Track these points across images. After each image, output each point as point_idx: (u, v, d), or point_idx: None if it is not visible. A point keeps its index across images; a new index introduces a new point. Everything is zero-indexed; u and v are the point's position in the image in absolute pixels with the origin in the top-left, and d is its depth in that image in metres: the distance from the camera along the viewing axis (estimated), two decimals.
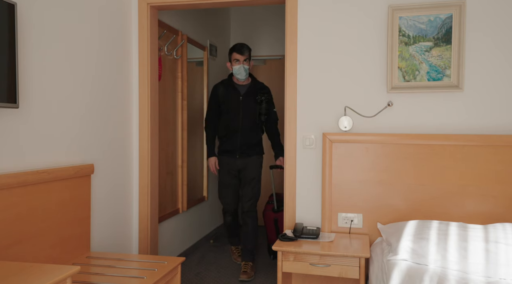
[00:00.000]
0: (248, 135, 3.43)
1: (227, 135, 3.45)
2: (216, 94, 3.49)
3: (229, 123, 3.43)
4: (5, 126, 1.94)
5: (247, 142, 3.43)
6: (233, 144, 3.43)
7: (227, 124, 3.44)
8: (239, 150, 3.43)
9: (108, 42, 2.71)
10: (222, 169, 3.52)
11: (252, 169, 3.47)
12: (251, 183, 3.47)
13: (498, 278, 1.90)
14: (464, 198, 2.46)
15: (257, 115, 3.41)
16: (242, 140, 3.42)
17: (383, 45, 2.59)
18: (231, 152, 3.45)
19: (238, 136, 3.42)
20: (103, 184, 2.67)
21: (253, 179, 3.47)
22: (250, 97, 3.41)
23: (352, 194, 2.61)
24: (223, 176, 3.52)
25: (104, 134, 2.68)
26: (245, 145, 3.42)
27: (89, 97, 2.53)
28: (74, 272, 1.48)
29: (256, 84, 3.49)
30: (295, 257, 2.35)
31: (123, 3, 2.88)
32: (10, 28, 1.82)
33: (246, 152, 3.44)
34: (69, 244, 2.30)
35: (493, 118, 2.47)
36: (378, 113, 2.61)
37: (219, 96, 3.47)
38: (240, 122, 3.40)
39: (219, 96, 3.47)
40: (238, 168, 3.46)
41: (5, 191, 1.87)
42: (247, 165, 3.45)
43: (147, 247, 3.01)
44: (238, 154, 3.43)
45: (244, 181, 3.48)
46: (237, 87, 3.44)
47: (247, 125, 3.41)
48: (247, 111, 3.40)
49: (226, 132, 3.45)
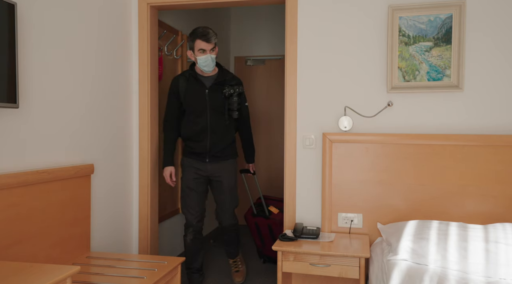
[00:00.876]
0: (219, 136, 2.92)
1: (194, 137, 2.93)
2: (176, 89, 2.93)
3: (194, 123, 2.90)
4: (5, 126, 1.94)
5: (218, 144, 2.92)
6: (201, 146, 2.91)
7: (192, 123, 2.91)
8: (210, 153, 2.92)
9: (108, 42, 2.71)
10: (187, 173, 2.97)
11: (228, 176, 2.98)
12: (229, 192, 3.00)
13: (498, 278, 1.90)
14: (464, 198, 2.46)
15: (227, 111, 2.89)
16: (212, 142, 2.90)
17: (383, 45, 2.59)
18: (199, 155, 2.93)
19: (207, 137, 2.90)
20: (103, 184, 2.67)
21: (231, 187, 3.01)
22: (218, 91, 2.88)
23: (352, 194, 2.61)
24: (187, 180, 2.95)
25: (104, 134, 2.68)
26: (217, 147, 2.92)
27: (89, 97, 2.53)
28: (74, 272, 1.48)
29: (224, 75, 2.95)
30: (295, 257, 2.35)
31: (123, 3, 2.88)
32: (10, 28, 1.82)
33: (217, 155, 2.93)
34: (69, 244, 2.30)
35: (493, 118, 2.47)
36: (378, 113, 2.61)
37: (179, 90, 2.92)
38: (208, 120, 2.88)
39: (179, 91, 2.92)
40: (207, 174, 2.95)
41: (5, 191, 1.87)
42: (221, 171, 2.96)
43: (147, 247, 3.01)
44: (209, 157, 2.92)
45: (219, 190, 3.00)
46: (201, 79, 2.90)
47: (216, 124, 2.90)
48: (215, 107, 2.87)
49: (192, 133, 2.92)
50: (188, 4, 2.91)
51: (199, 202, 2.97)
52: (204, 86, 2.89)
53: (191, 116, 2.92)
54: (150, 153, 3.00)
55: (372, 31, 2.61)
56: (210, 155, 2.93)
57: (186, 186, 2.96)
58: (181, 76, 2.96)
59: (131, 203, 3.01)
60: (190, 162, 2.97)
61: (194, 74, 2.91)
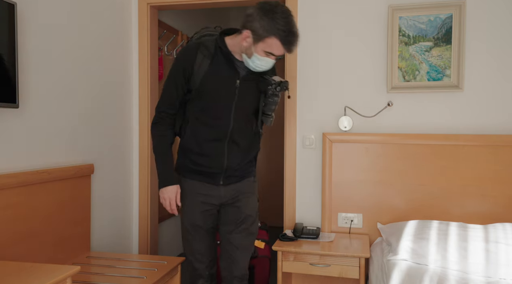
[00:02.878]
0: (241, 149, 1.99)
1: (205, 148, 1.93)
2: (189, 65, 1.87)
3: (210, 127, 1.92)
4: (5, 126, 1.94)
5: (239, 161, 1.98)
6: (215, 163, 1.94)
7: (207, 128, 1.92)
8: (226, 174, 1.96)
9: (108, 42, 2.71)
10: (191, 203, 1.98)
11: (249, 200, 2.04)
12: (250, 223, 2.04)
13: (498, 278, 1.90)
14: (464, 198, 2.46)
15: (261, 115, 2.00)
16: (232, 158, 1.95)
17: (383, 45, 2.59)
18: (210, 176, 1.95)
19: (225, 150, 1.94)
20: (103, 184, 2.67)
21: (253, 218, 2.05)
22: (252, 84, 1.94)
23: (352, 194, 2.61)
24: (191, 215, 1.98)
25: (104, 134, 2.68)
26: (236, 165, 1.97)
27: (89, 97, 2.53)
28: (74, 272, 1.48)
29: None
30: (295, 257, 2.35)
31: (123, 3, 2.88)
32: (10, 28, 1.82)
33: (236, 175, 1.99)
34: (69, 244, 2.30)
35: (493, 118, 2.47)
36: (378, 113, 2.61)
37: (194, 70, 1.86)
38: (230, 125, 1.92)
39: (194, 71, 1.86)
40: (221, 202, 2.00)
41: (5, 191, 1.87)
42: (239, 194, 2.01)
43: (147, 247, 3.00)
44: (223, 178, 1.96)
45: (232, 221, 2.01)
46: (234, 62, 1.91)
47: (240, 132, 1.95)
48: (243, 107, 1.94)
49: (202, 142, 1.93)
50: (188, 4, 2.91)
51: (211, 243, 2.04)
52: (236, 73, 1.90)
53: (204, 115, 1.91)
54: (150, 153, 2.99)
55: (372, 31, 2.61)
56: (226, 176, 1.97)
57: (191, 223, 1.98)
58: (201, 48, 1.87)
59: (131, 203, 3.01)
60: (194, 186, 1.98)
61: (225, 51, 1.88)
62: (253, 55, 1.81)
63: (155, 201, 3.11)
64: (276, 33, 1.74)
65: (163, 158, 1.97)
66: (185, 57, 1.89)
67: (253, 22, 1.75)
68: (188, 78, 1.88)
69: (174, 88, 1.91)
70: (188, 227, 2.01)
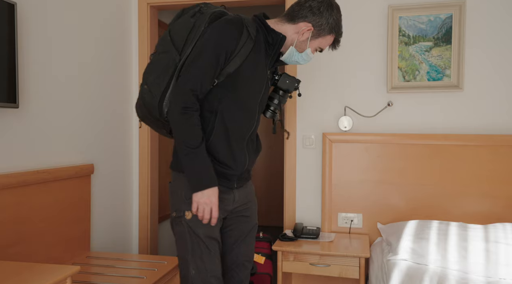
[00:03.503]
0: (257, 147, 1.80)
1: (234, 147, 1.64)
2: (233, 43, 1.54)
3: (244, 121, 1.65)
4: (5, 126, 1.94)
5: (254, 159, 1.78)
6: (238, 164, 1.66)
7: (239, 123, 1.63)
8: (241, 175, 1.71)
9: (108, 42, 2.71)
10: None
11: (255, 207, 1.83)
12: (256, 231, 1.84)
13: (498, 278, 1.90)
14: (464, 198, 2.46)
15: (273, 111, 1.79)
16: (251, 156, 1.73)
17: (383, 45, 2.59)
18: (227, 178, 1.65)
19: (245, 147, 1.68)
20: (103, 184, 2.67)
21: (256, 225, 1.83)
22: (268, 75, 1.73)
23: (352, 194, 2.61)
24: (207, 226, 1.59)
25: (104, 134, 2.68)
26: (251, 164, 1.77)
27: (89, 97, 2.53)
28: (74, 272, 1.48)
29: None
30: (295, 257, 2.35)
31: (123, 3, 2.88)
32: (10, 28, 1.82)
33: (245, 176, 1.75)
34: (69, 244, 2.30)
35: (493, 118, 2.47)
36: (378, 113, 2.61)
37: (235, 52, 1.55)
38: (255, 122, 1.70)
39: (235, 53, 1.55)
40: (232, 208, 1.71)
41: (5, 191, 1.87)
42: (247, 201, 1.77)
43: (147, 247, 3.01)
44: (237, 181, 1.69)
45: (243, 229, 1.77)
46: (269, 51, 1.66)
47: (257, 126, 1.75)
48: (264, 99, 1.73)
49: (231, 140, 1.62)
50: (188, 4, 2.91)
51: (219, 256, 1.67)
52: (268, 64, 1.68)
53: (236, 109, 1.62)
54: (150, 153, 3.00)
55: (372, 31, 2.61)
56: (240, 178, 1.71)
57: (207, 235, 1.61)
58: (248, 27, 1.60)
59: (131, 203, 3.01)
60: None
61: (267, 38, 1.64)
62: (306, 50, 1.67)
63: (155, 201, 3.11)
64: (337, 31, 1.65)
65: (200, 153, 1.53)
66: (232, 32, 1.54)
67: (317, 16, 1.60)
68: (228, 59, 1.54)
69: (212, 66, 1.51)
70: (202, 237, 1.59)
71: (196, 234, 1.60)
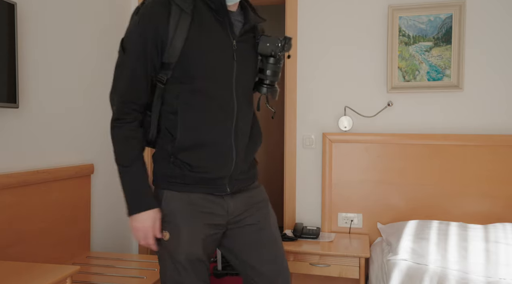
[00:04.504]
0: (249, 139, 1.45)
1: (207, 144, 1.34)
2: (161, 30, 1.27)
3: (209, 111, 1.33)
4: (5, 126, 1.94)
5: (247, 157, 1.44)
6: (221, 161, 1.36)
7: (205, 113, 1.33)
8: (231, 176, 1.39)
9: (108, 41, 2.71)
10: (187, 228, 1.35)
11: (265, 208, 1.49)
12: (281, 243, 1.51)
13: (498, 278, 1.90)
14: (464, 198, 2.46)
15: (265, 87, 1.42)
16: (241, 153, 1.40)
17: (383, 45, 2.59)
18: (212, 183, 1.36)
19: (232, 144, 1.37)
20: (103, 184, 2.67)
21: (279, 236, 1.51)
22: (249, 45, 1.42)
23: (352, 194, 2.61)
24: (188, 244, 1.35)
25: (104, 134, 2.68)
26: (244, 163, 1.43)
27: (89, 97, 2.53)
28: (74, 272, 1.48)
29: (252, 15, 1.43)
30: (295, 257, 2.35)
31: (123, 3, 2.88)
32: (10, 28, 1.82)
33: (242, 177, 1.43)
34: (69, 244, 2.30)
35: (493, 118, 2.47)
36: (378, 113, 2.61)
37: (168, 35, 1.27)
38: (235, 108, 1.37)
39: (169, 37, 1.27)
40: (228, 219, 1.40)
41: (5, 191, 1.87)
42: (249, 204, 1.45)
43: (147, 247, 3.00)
44: (230, 184, 1.39)
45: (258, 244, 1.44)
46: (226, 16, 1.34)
47: (244, 115, 1.41)
48: (245, 80, 1.41)
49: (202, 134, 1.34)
50: None
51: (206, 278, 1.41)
52: (229, 31, 1.35)
53: (198, 99, 1.32)
54: (150, 153, 3.00)
55: (372, 31, 2.61)
56: (232, 180, 1.40)
57: (187, 257, 1.35)
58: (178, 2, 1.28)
59: None
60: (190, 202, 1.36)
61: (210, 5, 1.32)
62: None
63: None
64: None
65: (134, 172, 1.35)
66: (154, 18, 1.26)
67: None
68: (162, 49, 1.28)
69: (142, 66, 1.29)
70: (183, 262, 1.34)
71: (176, 260, 1.35)
